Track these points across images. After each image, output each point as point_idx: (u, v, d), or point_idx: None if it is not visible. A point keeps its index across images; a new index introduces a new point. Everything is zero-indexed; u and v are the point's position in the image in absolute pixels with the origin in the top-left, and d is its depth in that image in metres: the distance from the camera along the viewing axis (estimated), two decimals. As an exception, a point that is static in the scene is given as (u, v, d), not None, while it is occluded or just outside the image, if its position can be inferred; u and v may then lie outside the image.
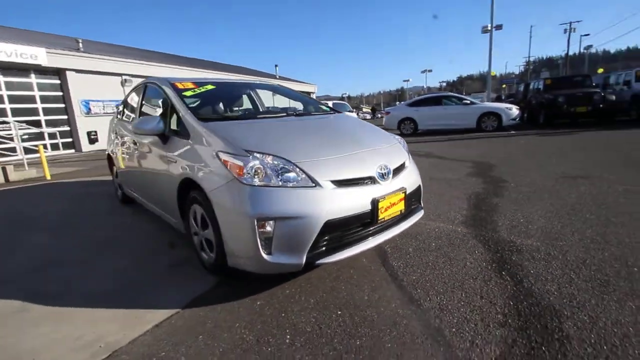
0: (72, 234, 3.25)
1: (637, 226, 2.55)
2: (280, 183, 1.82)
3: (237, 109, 3.46)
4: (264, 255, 1.78)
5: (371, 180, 2.02)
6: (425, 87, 60.83)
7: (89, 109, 16.38)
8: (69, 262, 2.61)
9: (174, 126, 2.55)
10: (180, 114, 2.45)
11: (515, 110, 11.01)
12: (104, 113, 16.98)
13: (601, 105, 10.07)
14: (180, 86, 2.81)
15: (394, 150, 2.40)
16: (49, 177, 6.66)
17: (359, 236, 1.97)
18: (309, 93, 38.70)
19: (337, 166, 1.98)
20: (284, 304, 1.87)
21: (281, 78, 33.59)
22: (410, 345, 1.48)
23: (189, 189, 2.29)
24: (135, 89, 3.76)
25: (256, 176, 1.83)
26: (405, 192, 2.17)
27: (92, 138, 16.42)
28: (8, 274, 2.46)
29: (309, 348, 1.51)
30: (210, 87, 2.97)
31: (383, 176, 2.08)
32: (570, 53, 39.45)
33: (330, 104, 6.77)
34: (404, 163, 2.34)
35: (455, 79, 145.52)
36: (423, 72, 52.86)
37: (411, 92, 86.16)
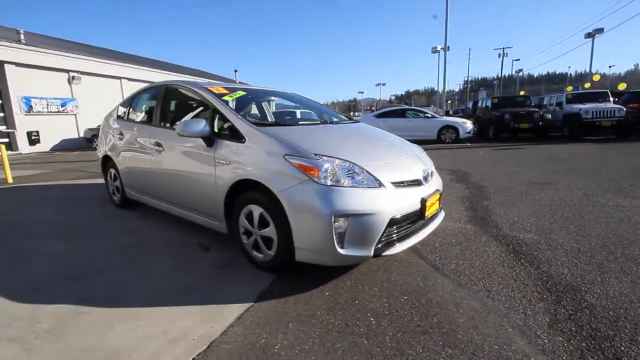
0: (87, 242, 3.08)
1: (605, 222, 3.15)
2: (351, 183, 2.03)
3: (253, 113, 3.58)
4: (338, 249, 1.97)
5: (418, 182, 2.32)
6: (378, 99, 63.93)
7: (30, 106, 14.81)
8: (105, 269, 2.52)
9: (218, 129, 2.63)
10: (230, 118, 2.54)
11: (469, 125, 12.21)
12: (48, 112, 15.48)
13: (540, 123, 11.61)
14: (216, 91, 2.88)
15: (425, 157, 2.74)
16: (10, 181, 5.99)
17: (410, 231, 2.24)
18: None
19: (392, 169, 2.24)
20: (352, 293, 2.07)
21: (241, 83, 33.06)
22: (479, 318, 1.77)
23: (241, 190, 2.39)
24: (147, 91, 3.69)
25: (329, 177, 2.02)
26: (440, 193, 2.50)
27: (34, 139, 14.83)
28: (41, 282, 2.32)
29: (396, 327, 1.73)
30: (242, 92, 3.07)
31: (426, 179, 2.39)
32: (500, 74, 44.37)
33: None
34: (433, 169, 2.69)
35: (403, 93, 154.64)
36: (377, 85, 55.67)
37: (364, 103, 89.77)
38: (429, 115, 12.53)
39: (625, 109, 10.55)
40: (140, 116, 3.73)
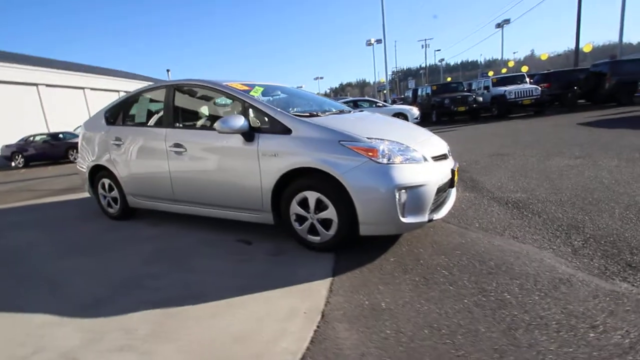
0: (110, 254, 2.93)
1: (567, 178, 3.89)
2: (403, 160, 2.32)
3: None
4: (401, 218, 2.25)
5: (445, 156, 2.70)
6: (317, 93, 65.19)
7: None
8: (157, 274, 2.48)
9: (256, 124, 2.71)
10: (269, 113, 2.64)
11: (415, 111, 13.32)
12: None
13: (474, 105, 13.13)
14: (240, 88, 2.94)
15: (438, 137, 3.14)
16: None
17: (444, 198, 2.62)
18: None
19: (427, 146, 2.58)
20: (412, 256, 2.37)
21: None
22: (523, 257, 2.20)
23: (292, 178, 2.53)
24: (146, 93, 3.53)
25: (386, 157, 2.28)
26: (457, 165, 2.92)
27: None
28: (98, 296, 2.22)
29: (466, 273, 2.08)
30: (260, 88, 3.15)
31: (449, 153, 2.78)
32: (425, 64, 48.34)
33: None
34: None
35: (337, 86, 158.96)
36: (315, 79, 56.59)
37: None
38: (380, 105, 13.37)
39: (540, 88, 12.44)
40: (143, 119, 3.55)
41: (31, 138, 14.16)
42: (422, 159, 2.40)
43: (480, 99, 13.53)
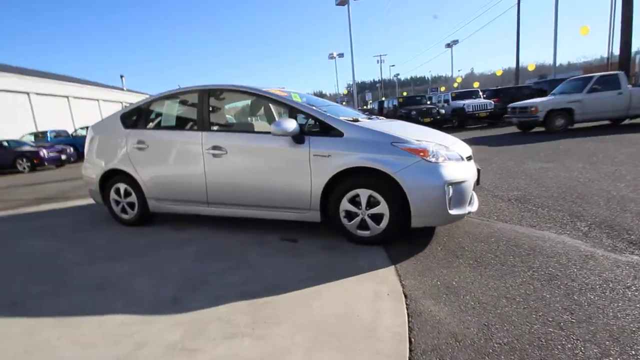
0: (150, 259, 2.89)
1: (548, 178, 4.51)
2: (447, 159, 2.63)
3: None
4: (449, 211, 2.55)
5: (470, 157, 3.07)
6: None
7: None
8: (218, 271, 2.52)
9: (304, 127, 2.88)
10: (319, 117, 2.84)
11: (385, 121, 14.09)
12: None
13: (438, 117, 14.21)
14: (282, 94, 3.09)
15: None
16: None
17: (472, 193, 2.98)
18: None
19: (458, 148, 2.93)
20: (454, 244, 2.68)
21: (129, 91, 29.56)
22: (548, 241, 2.61)
23: (341, 178, 2.73)
24: (174, 97, 3.53)
25: (435, 156, 2.58)
26: (476, 166, 3.32)
27: None
28: (174, 293, 2.23)
29: (509, 255, 2.42)
30: (296, 95, 3.31)
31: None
32: (381, 78, 50.95)
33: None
34: None
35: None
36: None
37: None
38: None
39: (493, 102, 13.85)
40: (172, 122, 3.51)
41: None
42: (460, 157, 2.74)
43: (443, 111, 14.68)
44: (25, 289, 2.44)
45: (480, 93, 15.50)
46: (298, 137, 2.81)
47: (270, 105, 3.64)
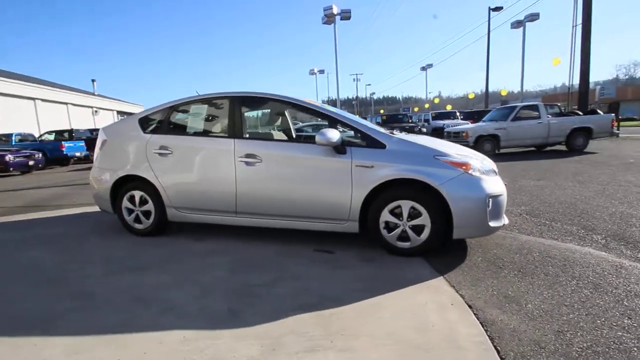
0: (179, 271, 2.72)
1: (546, 194, 4.81)
2: (485, 173, 2.75)
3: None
4: (489, 223, 2.65)
5: (496, 172, 3.22)
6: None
7: None
8: (263, 284, 2.43)
9: (346, 138, 2.90)
10: (360, 129, 2.88)
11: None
12: None
13: (420, 135, 14.81)
14: (317, 104, 3.11)
15: None
16: None
17: (501, 207, 3.12)
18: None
19: (488, 163, 3.07)
20: (490, 256, 2.76)
21: (100, 96, 28.24)
22: (577, 252, 2.76)
23: (382, 189, 2.76)
24: (200, 102, 3.43)
25: (476, 170, 2.69)
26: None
27: None
28: (218, 306, 2.11)
29: (546, 264, 2.53)
30: (329, 106, 3.34)
31: (496, 170, 3.32)
32: (354, 95, 52.56)
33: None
34: None
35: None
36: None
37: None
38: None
39: (470, 123, 14.65)
40: (199, 129, 3.39)
41: None
42: (494, 172, 2.87)
43: (425, 130, 15.32)
44: (51, 305, 2.21)
45: (458, 114, 16.37)
46: (339, 148, 2.83)
47: (304, 115, 3.65)
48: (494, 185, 2.72)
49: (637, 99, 34.45)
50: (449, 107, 28.25)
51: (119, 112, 29.97)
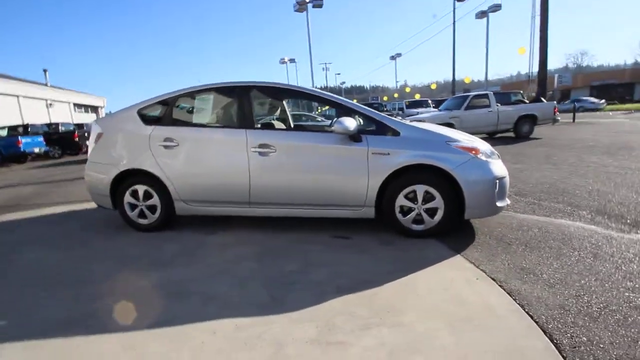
0: (205, 264, 2.72)
1: (527, 176, 5.18)
2: (491, 157, 2.94)
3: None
4: (496, 203, 2.86)
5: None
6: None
7: None
8: (298, 270, 2.49)
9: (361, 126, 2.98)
10: (376, 117, 2.97)
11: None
12: None
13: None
14: (330, 94, 3.14)
15: None
16: None
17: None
18: (96, 107, 31.88)
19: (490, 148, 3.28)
20: (497, 234, 2.99)
21: (54, 87, 26.10)
22: (582, 228, 3.06)
23: (397, 175, 2.87)
24: (210, 91, 3.35)
25: (484, 154, 2.87)
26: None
27: None
28: (261, 295, 2.14)
29: (552, 238, 2.79)
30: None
31: (493, 154, 3.55)
32: (326, 85, 52.68)
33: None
34: None
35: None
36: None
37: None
38: (320, 120, 14.14)
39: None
40: (206, 119, 3.29)
41: None
42: (497, 156, 3.08)
43: (399, 118, 15.70)
44: (83, 306, 2.13)
45: (430, 102, 16.92)
46: (356, 136, 2.89)
47: (319, 105, 3.65)
48: (499, 168, 2.93)
49: (586, 86, 37.32)
50: (417, 96, 29.11)
51: (76, 105, 27.87)
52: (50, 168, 10.78)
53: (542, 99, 13.18)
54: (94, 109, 31.48)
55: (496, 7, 23.20)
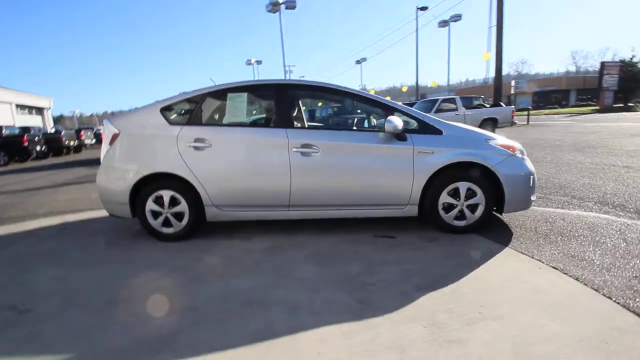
0: (262, 274, 2.59)
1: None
2: (523, 154, 3.12)
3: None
4: (531, 197, 3.04)
5: (514, 154, 3.66)
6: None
7: None
8: (363, 272, 2.45)
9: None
10: (418, 117, 3.04)
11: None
12: None
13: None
14: (373, 92, 3.14)
15: None
16: None
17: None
18: (41, 108, 28.92)
19: (514, 147, 3.47)
20: (530, 225, 3.17)
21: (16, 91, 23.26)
22: (597, 217, 3.33)
23: (438, 172, 2.95)
24: (241, 89, 3.19)
25: (519, 152, 3.04)
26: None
27: None
28: (342, 299, 2.08)
29: (590, 232, 3.02)
30: (387, 97, 3.38)
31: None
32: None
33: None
34: None
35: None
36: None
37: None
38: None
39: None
40: (241, 118, 3.11)
41: None
42: (525, 153, 3.28)
43: (374, 120, 16.08)
44: (150, 325, 1.92)
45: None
46: (401, 135, 2.92)
47: (363, 105, 3.58)
48: (530, 165, 3.12)
49: (529, 92, 41.13)
50: (388, 98, 30.03)
51: (18, 106, 24.99)
52: (6, 176, 9.57)
53: (502, 103, 14.29)
54: (39, 110, 28.50)
55: (457, 18, 24.83)
